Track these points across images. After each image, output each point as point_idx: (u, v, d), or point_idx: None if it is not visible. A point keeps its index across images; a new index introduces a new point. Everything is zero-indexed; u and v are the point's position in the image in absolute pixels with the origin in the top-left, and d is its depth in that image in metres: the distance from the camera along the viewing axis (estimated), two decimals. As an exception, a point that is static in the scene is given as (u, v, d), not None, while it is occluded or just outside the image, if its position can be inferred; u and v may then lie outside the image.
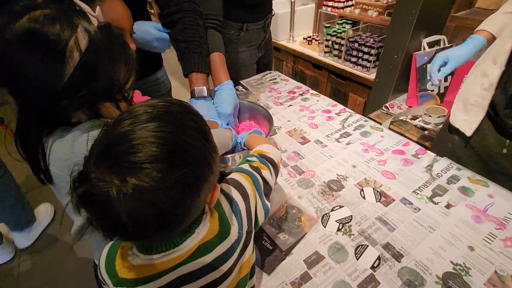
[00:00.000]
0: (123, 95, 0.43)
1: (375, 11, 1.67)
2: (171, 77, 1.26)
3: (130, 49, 0.45)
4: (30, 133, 0.41)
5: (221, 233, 0.38)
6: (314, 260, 0.56)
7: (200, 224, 0.36)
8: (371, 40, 1.57)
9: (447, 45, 1.35)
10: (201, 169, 0.31)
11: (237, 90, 1.21)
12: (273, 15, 1.31)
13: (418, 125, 1.26)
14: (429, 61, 1.33)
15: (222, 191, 0.42)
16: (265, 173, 0.49)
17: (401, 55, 1.33)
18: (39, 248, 1.51)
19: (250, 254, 0.43)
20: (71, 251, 1.47)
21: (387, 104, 1.46)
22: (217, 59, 0.90)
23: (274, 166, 0.53)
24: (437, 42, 1.36)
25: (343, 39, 1.67)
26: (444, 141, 0.91)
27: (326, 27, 1.77)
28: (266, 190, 0.48)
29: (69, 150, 0.40)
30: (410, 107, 1.43)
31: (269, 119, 0.84)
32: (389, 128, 1.29)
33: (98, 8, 0.44)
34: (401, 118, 1.33)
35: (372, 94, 1.56)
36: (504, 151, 0.73)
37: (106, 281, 0.37)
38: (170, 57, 0.98)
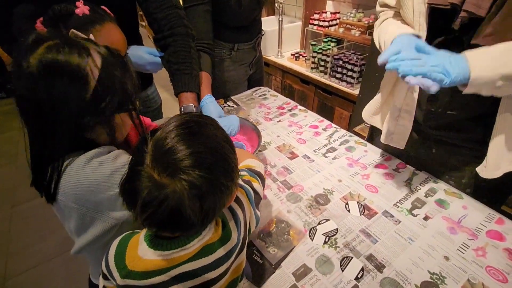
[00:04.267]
0: (133, 105, 0.49)
1: (357, 31, 1.76)
2: (162, 90, 1.30)
3: (129, 64, 0.49)
4: (47, 158, 0.44)
5: (223, 237, 0.42)
6: (302, 272, 0.59)
7: (207, 227, 0.41)
8: (355, 57, 1.66)
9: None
10: (234, 176, 0.39)
11: (228, 106, 1.24)
12: (263, 34, 1.37)
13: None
14: (408, 79, 1.42)
15: None
16: (256, 185, 0.55)
17: (381, 73, 1.41)
18: (29, 265, 1.46)
19: (243, 258, 0.48)
20: (60, 268, 1.43)
21: (371, 119, 1.53)
22: (202, 78, 0.96)
23: (262, 178, 0.59)
24: (415, 61, 1.46)
25: (328, 56, 1.76)
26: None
27: (312, 44, 1.85)
28: (257, 199, 0.54)
29: (77, 179, 0.43)
30: (392, 121, 1.51)
31: (258, 134, 0.88)
32: (373, 142, 1.35)
33: (91, 35, 0.49)
34: (384, 132, 1.40)
35: (356, 108, 1.64)
36: (434, 150, 0.81)
37: (114, 273, 0.40)
38: (161, 71, 1.02)
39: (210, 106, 0.88)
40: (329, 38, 1.86)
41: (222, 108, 1.08)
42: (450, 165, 0.79)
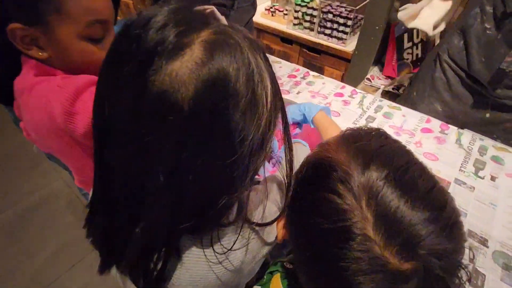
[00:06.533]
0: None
1: (341, -22, 1.61)
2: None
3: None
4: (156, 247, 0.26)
5: None
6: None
7: None
8: (344, 10, 1.54)
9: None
10: None
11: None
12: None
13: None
14: (405, 31, 1.38)
15: None
16: None
17: (382, 26, 1.34)
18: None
19: None
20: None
21: (368, 76, 1.49)
22: None
23: None
24: (409, 11, 1.41)
25: (314, 9, 1.59)
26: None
27: (294, -4, 1.65)
28: None
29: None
30: (387, 76, 1.50)
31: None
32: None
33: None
34: (387, 89, 1.38)
35: (351, 67, 1.57)
36: (487, 115, 0.82)
37: None
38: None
39: None
40: (310, -12, 1.67)
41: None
42: (501, 126, 0.80)
